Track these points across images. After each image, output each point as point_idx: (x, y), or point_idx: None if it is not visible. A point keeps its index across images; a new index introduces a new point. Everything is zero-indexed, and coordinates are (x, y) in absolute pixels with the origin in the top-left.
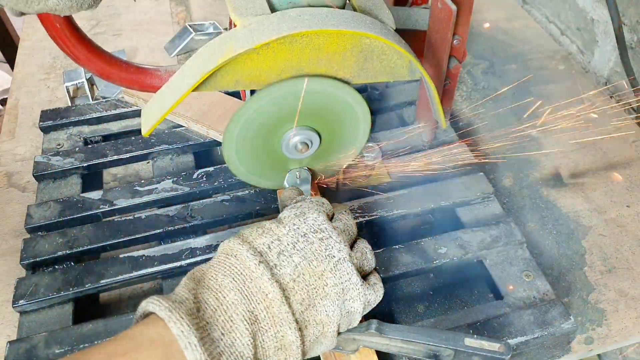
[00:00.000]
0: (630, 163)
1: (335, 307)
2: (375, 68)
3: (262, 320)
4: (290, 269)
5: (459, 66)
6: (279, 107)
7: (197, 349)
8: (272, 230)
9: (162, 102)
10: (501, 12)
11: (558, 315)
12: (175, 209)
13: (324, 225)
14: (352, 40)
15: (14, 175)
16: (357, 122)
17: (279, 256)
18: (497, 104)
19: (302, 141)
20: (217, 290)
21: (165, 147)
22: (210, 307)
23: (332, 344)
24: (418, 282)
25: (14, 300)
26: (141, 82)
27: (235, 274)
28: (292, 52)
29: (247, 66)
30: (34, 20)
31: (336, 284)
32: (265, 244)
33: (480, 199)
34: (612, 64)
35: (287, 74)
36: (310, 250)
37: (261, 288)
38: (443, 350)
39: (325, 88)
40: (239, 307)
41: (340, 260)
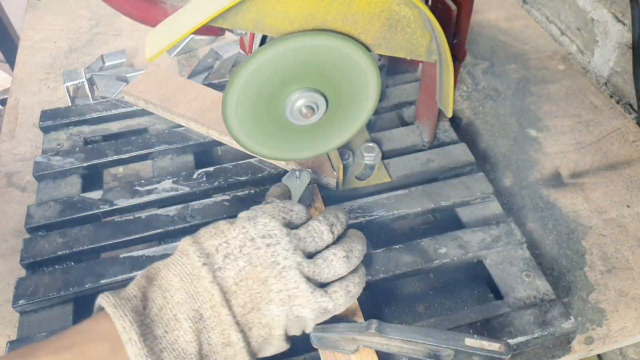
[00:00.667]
0: (630, 163)
1: (280, 312)
2: (397, 40)
3: (207, 318)
4: (234, 273)
5: (458, 66)
6: (292, 61)
7: (136, 345)
8: (223, 232)
9: (175, 27)
10: (501, 12)
11: (558, 315)
12: (175, 209)
13: (274, 232)
14: (383, 3)
15: (14, 175)
16: (367, 94)
17: (224, 259)
18: (497, 104)
19: (307, 104)
20: (166, 290)
21: (165, 147)
22: (156, 306)
23: (282, 346)
24: (418, 282)
25: (14, 300)
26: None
27: (184, 273)
28: (322, 1)
29: (273, 7)
30: (34, 20)
31: (281, 290)
32: (213, 246)
33: (480, 199)
34: (612, 63)
35: (310, 25)
36: (256, 256)
37: (206, 288)
38: (443, 350)
39: (345, 48)
40: (184, 306)
41: (285, 268)
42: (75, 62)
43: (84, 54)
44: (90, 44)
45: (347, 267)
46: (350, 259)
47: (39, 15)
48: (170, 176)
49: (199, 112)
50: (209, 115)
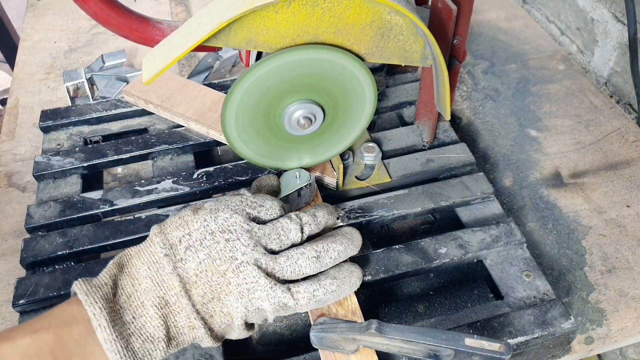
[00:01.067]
0: (630, 163)
1: (239, 304)
2: (390, 48)
3: (173, 304)
4: (194, 264)
5: (459, 66)
6: (288, 75)
7: (105, 330)
8: (187, 223)
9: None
10: (501, 12)
11: (558, 315)
12: (176, 209)
13: (234, 227)
14: (373, 13)
15: (14, 175)
16: (363, 103)
17: (186, 250)
18: (497, 104)
19: (305, 115)
20: (134, 278)
21: (165, 147)
22: (125, 293)
23: (242, 334)
24: (418, 282)
25: (14, 300)
26: (141, 32)
27: (151, 262)
28: (312, 16)
29: (264, 24)
30: (34, 20)
31: (239, 283)
32: (177, 237)
33: (480, 199)
34: (612, 63)
35: (302, 39)
36: (215, 249)
37: (168, 278)
38: (443, 350)
39: (338, 60)
40: (150, 294)
41: (242, 263)
42: (75, 62)
43: (84, 54)
44: (90, 44)
45: (317, 266)
46: (321, 259)
47: (39, 15)
48: (170, 176)
49: (199, 112)
50: (209, 115)
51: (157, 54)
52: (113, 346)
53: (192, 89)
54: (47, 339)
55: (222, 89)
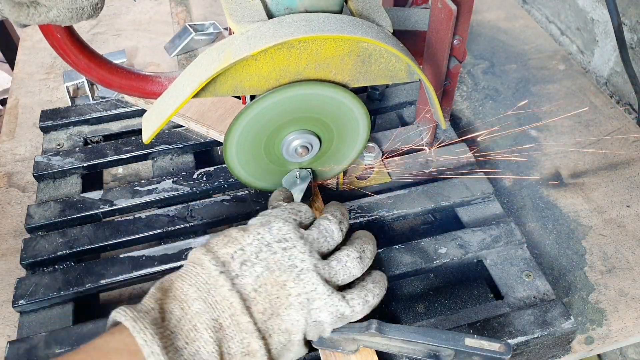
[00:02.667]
0: (630, 163)
1: (299, 317)
2: (374, 71)
3: (227, 327)
4: (252, 279)
5: (459, 66)
6: (279, 111)
7: (159, 357)
8: (237, 239)
9: (162, 109)
10: (501, 12)
11: (558, 315)
12: (176, 209)
13: (289, 235)
14: (349, 45)
15: (14, 175)
16: (356, 125)
17: (241, 266)
18: (497, 104)
19: (302, 145)
20: (182, 300)
21: (165, 147)
22: (174, 317)
23: (301, 351)
24: (418, 282)
25: (14, 300)
26: (142, 89)
27: (200, 283)
28: (290, 57)
29: (245, 72)
30: None
31: (300, 293)
32: (228, 254)
33: (480, 199)
34: (612, 63)
35: (285, 79)
36: (273, 260)
37: (224, 297)
38: (443, 350)
39: (323, 92)
40: (203, 316)
41: (303, 270)
42: None
43: None
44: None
45: (361, 267)
46: (363, 259)
47: None
48: (170, 176)
49: (198, 112)
50: (208, 115)
51: (152, 115)
52: None
53: None
54: None
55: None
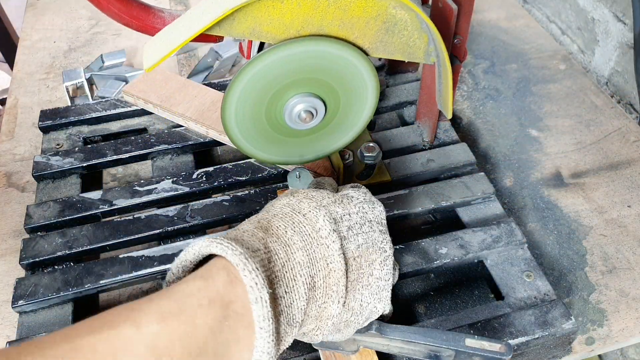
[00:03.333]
0: (631, 163)
1: (370, 300)
2: (394, 43)
3: (317, 288)
4: (354, 247)
5: (459, 66)
6: (290, 67)
7: (266, 306)
8: (343, 203)
9: (172, 37)
10: (502, 12)
11: (559, 316)
12: (175, 209)
13: (384, 222)
14: (379, 7)
15: (13, 175)
16: (365, 97)
17: (348, 230)
18: (498, 104)
19: (306, 109)
20: (287, 245)
21: (164, 147)
22: (280, 261)
23: (347, 335)
24: (419, 282)
25: (13, 301)
26: (141, 20)
27: (304, 233)
28: (318, 7)
29: (268, 14)
30: (33, 20)
31: (379, 277)
32: (338, 214)
33: (480, 199)
34: (613, 63)
35: (306, 31)
36: (371, 238)
37: (325, 256)
38: (444, 351)
39: (342, 53)
40: (304, 269)
41: (389, 257)
42: (75, 62)
43: (83, 53)
44: (90, 44)
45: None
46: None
47: (39, 15)
48: (170, 176)
49: (198, 112)
50: (208, 115)
51: (158, 41)
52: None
53: (192, 88)
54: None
55: (222, 89)
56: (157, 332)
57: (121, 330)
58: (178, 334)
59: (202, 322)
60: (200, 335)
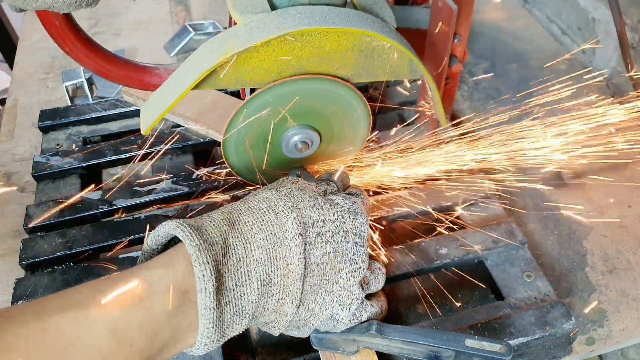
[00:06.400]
0: (631, 163)
1: (329, 306)
2: (376, 67)
3: (274, 285)
4: (319, 253)
5: (459, 66)
6: (280, 105)
7: (209, 297)
8: (323, 209)
9: (162, 100)
10: (502, 12)
11: (559, 316)
12: (175, 209)
13: (365, 234)
14: (352, 39)
15: (13, 175)
16: (357, 121)
17: (317, 237)
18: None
19: (302, 140)
20: (248, 242)
21: (164, 147)
22: (236, 255)
23: (305, 333)
24: (419, 282)
25: (12, 301)
26: (140, 81)
27: (270, 233)
28: (293, 50)
29: (247, 64)
30: (33, 20)
31: (344, 287)
32: (311, 219)
33: (481, 199)
34: (614, 63)
35: (287, 72)
36: (342, 247)
37: (286, 257)
38: (444, 351)
39: (325, 86)
40: (260, 266)
41: (359, 270)
42: (75, 62)
43: None
44: None
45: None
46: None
47: None
48: (169, 176)
49: (198, 112)
50: (208, 115)
51: (151, 105)
52: (211, 314)
53: None
54: (138, 312)
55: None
56: (119, 316)
57: (87, 312)
58: (138, 319)
59: (161, 308)
60: (158, 319)
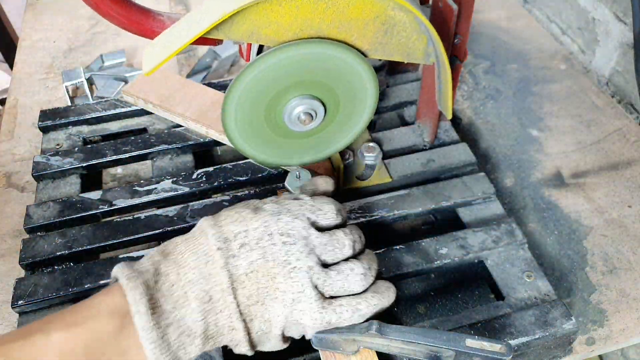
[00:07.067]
0: (631, 163)
1: (281, 312)
2: (393, 44)
3: (217, 301)
4: (246, 263)
5: (460, 65)
6: (289, 69)
7: (143, 317)
8: (245, 220)
9: (171, 41)
10: (502, 12)
11: (559, 316)
12: (175, 209)
13: (293, 232)
14: (377, 9)
15: (13, 175)
16: (365, 98)
17: (240, 248)
18: (498, 104)
19: (305, 111)
20: (180, 266)
21: (164, 147)
22: (169, 281)
23: (278, 345)
24: (419, 282)
25: (13, 301)
26: (140, 25)
27: (200, 253)
28: (316, 10)
29: (267, 17)
30: (33, 20)
31: (286, 291)
32: (232, 232)
33: (481, 199)
34: (614, 63)
35: (305, 33)
36: (270, 251)
37: (217, 273)
38: (444, 351)
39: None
40: (195, 286)
41: (295, 269)
42: (75, 62)
43: (83, 53)
44: (90, 44)
45: (363, 284)
46: (367, 277)
47: (38, 15)
48: (169, 176)
49: (198, 112)
50: (208, 114)
51: (157, 45)
52: (150, 334)
53: (192, 88)
54: (82, 334)
55: (221, 89)
56: (64, 339)
57: (34, 340)
58: (82, 340)
59: (103, 329)
60: (102, 340)
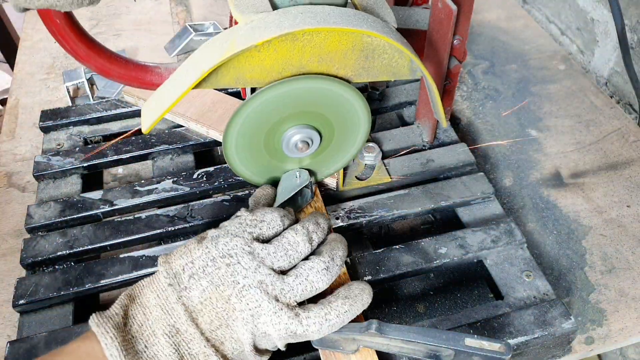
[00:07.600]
0: (630, 163)
1: (245, 330)
2: (377, 67)
3: (184, 332)
4: (198, 292)
5: (459, 66)
6: (280, 105)
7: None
8: (190, 252)
9: (162, 99)
10: (501, 12)
11: (558, 315)
12: (176, 209)
13: (234, 251)
14: (353, 39)
15: (14, 175)
16: (357, 122)
17: (189, 279)
18: (497, 104)
19: (302, 140)
20: (145, 307)
21: (165, 147)
22: (137, 322)
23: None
24: (418, 282)
25: (14, 301)
26: (141, 80)
27: (160, 290)
28: (294, 50)
29: (248, 64)
30: (34, 20)
31: (243, 309)
32: (180, 266)
33: (480, 199)
34: (613, 63)
35: (288, 72)
36: (217, 275)
37: (174, 307)
38: (443, 350)
39: (325, 86)
40: (160, 322)
41: (245, 287)
42: (75, 62)
43: None
44: None
45: (328, 279)
46: (331, 269)
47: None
48: (170, 176)
49: (199, 112)
50: (209, 115)
51: (152, 104)
52: None
53: None
54: None
55: (222, 89)
56: None
57: None
58: None
59: None
60: None
